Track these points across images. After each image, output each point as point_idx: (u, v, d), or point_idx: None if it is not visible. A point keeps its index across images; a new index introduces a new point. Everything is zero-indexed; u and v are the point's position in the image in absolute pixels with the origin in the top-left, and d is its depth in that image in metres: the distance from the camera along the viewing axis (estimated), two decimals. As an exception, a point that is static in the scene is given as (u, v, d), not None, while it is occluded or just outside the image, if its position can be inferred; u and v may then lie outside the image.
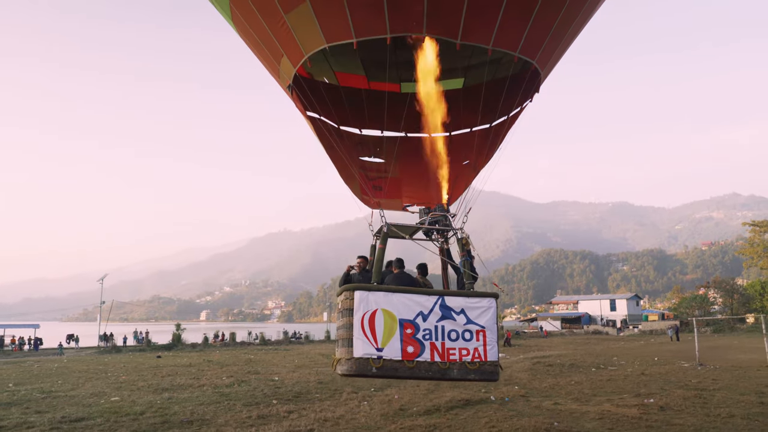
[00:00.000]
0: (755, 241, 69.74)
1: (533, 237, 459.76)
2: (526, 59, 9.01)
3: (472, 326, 7.90)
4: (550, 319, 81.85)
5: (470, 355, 7.84)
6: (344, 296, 7.78)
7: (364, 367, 7.41)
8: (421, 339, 7.65)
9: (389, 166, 10.90)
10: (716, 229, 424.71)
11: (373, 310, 7.62)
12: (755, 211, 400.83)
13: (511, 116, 10.45)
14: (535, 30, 8.74)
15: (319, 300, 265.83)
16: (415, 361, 7.59)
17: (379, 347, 7.52)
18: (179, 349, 43.54)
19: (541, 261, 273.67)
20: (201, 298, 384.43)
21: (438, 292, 8.00)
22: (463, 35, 8.28)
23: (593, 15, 9.89)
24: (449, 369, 7.70)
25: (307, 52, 8.67)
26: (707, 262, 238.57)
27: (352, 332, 7.50)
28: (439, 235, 9.01)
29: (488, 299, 8.10)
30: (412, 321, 7.70)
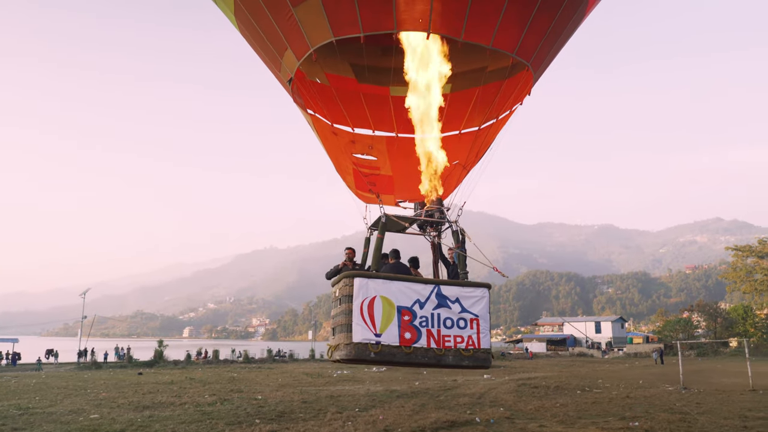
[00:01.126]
0: (738, 265, 70.51)
1: (519, 258, 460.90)
2: (522, 61, 9.29)
3: (466, 315, 8.20)
4: (536, 341, 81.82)
5: (464, 343, 8.11)
6: (343, 283, 7.98)
7: (362, 352, 7.60)
8: (418, 326, 7.89)
9: (382, 164, 11.14)
10: (700, 253, 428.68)
11: (372, 297, 7.80)
12: (737, 235, 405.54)
13: (500, 119, 10.73)
14: (532, 32, 9.04)
15: (304, 318, 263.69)
16: (413, 347, 7.81)
17: (377, 333, 7.71)
18: (161, 365, 42.93)
19: (527, 282, 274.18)
20: (184, 315, 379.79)
21: (434, 281, 8.28)
22: (465, 34, 8.51)
23: (584, 20, 10.22)
24: (445, 355, 7.95)
25: (313, 45, 8.79)
26: (691, 286, 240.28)
27: (351, 318, 7.69)
28: (432, 228, 9.22)
29: (482, 289, 8.44)
30: (410, 308, 7.93)
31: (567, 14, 9.37)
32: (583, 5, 9.54)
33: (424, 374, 32.93)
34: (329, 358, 8.60)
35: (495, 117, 10.59)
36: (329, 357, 8.56)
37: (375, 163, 11.23)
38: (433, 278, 8.60)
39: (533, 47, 9.27)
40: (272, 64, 10.09)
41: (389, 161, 11.06)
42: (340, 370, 37.21)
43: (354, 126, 10.77)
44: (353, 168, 11.21)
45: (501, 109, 10.52)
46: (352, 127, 10.77)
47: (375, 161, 11.19)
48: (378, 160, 11.15)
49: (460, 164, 10.58)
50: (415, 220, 9.15)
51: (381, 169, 11.26)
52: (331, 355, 8.46)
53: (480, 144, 10.80)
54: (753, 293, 66.94)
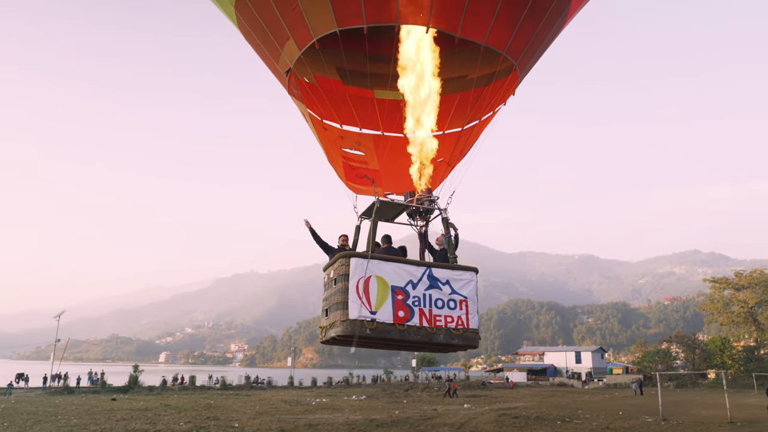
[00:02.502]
0: (715, 297, 71.37)
1: (501, 286, 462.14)
2: (510, 59, 9.90)
3: (456, 296, 8.62)
4: (517, 370, 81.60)
5: (454, 322, 8.52)
6: (339, 263, 8.34)
7: (358, 328, 7.90)
8: (411, 305, 8.26)
9: (369, 159, 11.59)
10: (678, 284, 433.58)
11: (367, 277, 8.14)
12: (715, 267, 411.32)
13: (483, 120, 11.35)
14: (521, 33, 9.66)
15: (283, 344, 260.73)
16: (406, 325, 8.18)
17: (372, 310, 8.04)
18: (136, 391, 41.96)
19: (508, 311, 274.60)
20: (161, 339, 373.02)
21: (426, 264, 8.74)
22: (462, 30, 9.08)
23: (567, 24, 10.90)
24: (436, 333, 8.34)
25: (317, 35, 9.17)
26: (669, 317, 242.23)
27: (347, 296, 8.02)
28: (421, 217, 9.65)
29: (470, 273, 8.92)
30: (403, 288, 8.31)
31: (551, 20, 10.00)
32: (564, 13, 10.16)
33: (404, 403, 32.60)
34: (322, 339, 8.82)
35: (478, 118, 11.17)
36: (322, 337, 8.77)
37: (363, 157, 11.64)
38: (424, 261, 9.05)
39: (521, 48, 9.86)
40: (271, 56, 10.43)
41: (376, 157, 11.50)
42: (318, 398, 36.71)
43: (342, 123, 11.22)
44: (343, 161, 11.68)
45: (484, 111, 11.11)
46: (340, 124, 11.22)
47: (363, 156, 11.62)
48: (366, 155, 11.57)
49: (445, 161, 11.08)
50: (408, 207, 9.50)
51: (369, 163, 11.67)
52: (324, 334, 8.68)
53: (464, 143, 11.34)
54: (730, 325, 67.71)
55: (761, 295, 65.73)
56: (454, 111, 10.87)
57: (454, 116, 10.95)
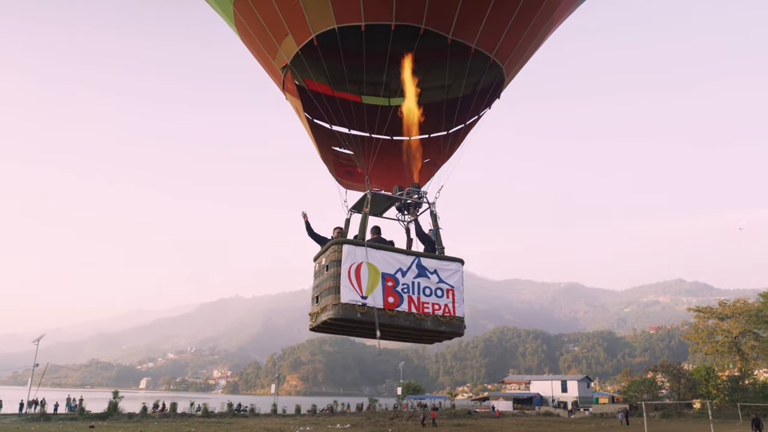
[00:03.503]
0: (699, 326, 71.73)
1: (487, 314, 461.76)
2: (498, 63, 10.32)
3: (443, 285, 8.98)
4: (503, 399, 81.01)
5: (441, 310, 8.85)
6: (332, 250, 8.68)
7: (350, 311, 8.19)
8: (401, 292, 8.61)
9: (358, 159, 11.85)
10: (663, 313, 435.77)
11: (359, 263, 8.48)
12: (699, 297, 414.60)
13: (468, 124, 11.79)
14: (509, 37, 10.03)
15: (267, 371, 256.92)
16: (395, 311, 8.50)
17: (363, 295, 8.34)
18: (115, 418, 41.05)
19: (494, 338, 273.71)
20: (142, 365, 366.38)
21: (415, 253, 9.12)
22: (454, 31, 9.48)
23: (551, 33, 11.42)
24: (424, 320, 8.67)
25: (315, 32, 9.50)
26: (654, 346, 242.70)
27: (339, 281, 8.32)
28: (409, 212, 10.10)
29: (456, 263, 9.27)
30: (393, 275, 8.66)
31: (536, 28, 10.45)
32: (548, 22, 10.65)
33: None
34: (312, 326, 9.00)
35: (463, 122, 11.64)
36: (312, 324, 8.96)
37: (352, 156, 11.98)
38: (413, 250, 9.37)
39: (508, 52, 10.31)
40: (268, 53, 10.72)
41: (364, 157, 11.81)
42: (302, 426, 36.13)
43: (331, 124, 11.59)
44: (333, 158, 12.05)
45: (470, 116, 11.57)
46: (329, 124, 11.57)
47: (352, 155, 11.95)
48: (354, 154, 11.89)
49: (431, 162, 11.58)
50: (398, 200, 9.96)
51: (357, 162, 11.99)
52: (315, 320, 8.85)
53: (449, 145, 11.79)
54: (715, 354, 67.92)
55: (745, 325, 66.19)
56: (440, 117, 11.34)
57: (440, 121, 11.43)
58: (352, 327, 8.73)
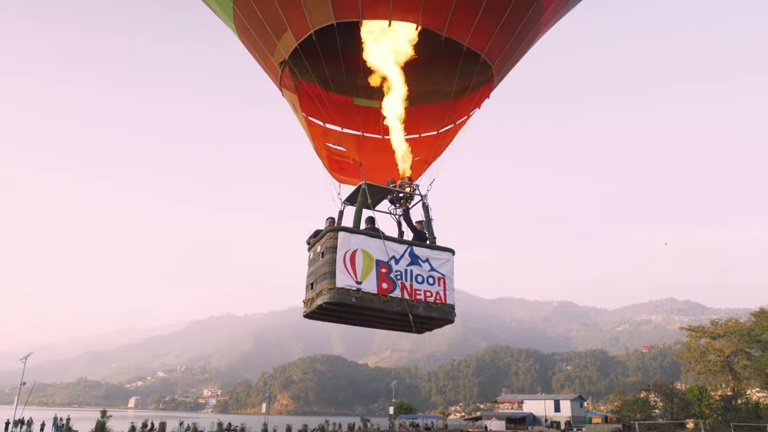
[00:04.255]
0: (692, 345, 71.74)
1: (480, 333, 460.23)
2: (488, 62, 10.80)
3: (434, 273, 9.37)
4: (495, 419, 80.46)
5: (433, 297, 9.23)
6: (327, 237, 9.02)
7: (344, 296, 8.52)
8: (394, 278, 8.97)
9: (350, 155, 12.48)
10: (655, 332, 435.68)
11: (353, 249, 8.84)
12: (691, 316, 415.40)
13: (458, 123, 12.29)
14: (499, 37, 10.48)
15: (258, 390, 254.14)
16: (389, 296, 8.86)
17: (358, 281, 8.69)
18: (102, 438, 40.44)
19: (487, 357, 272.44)
20: (131, 383, 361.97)
21: (407, 242, 9.55)
22: (448, 29, 9.91)
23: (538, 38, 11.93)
24: (416, 306, 9.03)
25: (314, 27, 9.88)
26: (647, 365, 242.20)
27: (334, 266, 8.65)
28: (401, 204, 10.57)
29: (447, 253, 9.70)
30: (386, 262, 9.01)
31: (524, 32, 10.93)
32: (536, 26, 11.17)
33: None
34: (306, 312, 9.28)
35: (453, 122, 12.17)
36: (307, 310, 9.25)
37: (345, 153, 12.56)
38: (406, 239, 9.82)
39: (498, 52, 10.80)
40: (266, 49, 11.08)
41: (356, 154, 12.41)
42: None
43: (325, 122, 12.15)
44: (327, 153, 12.56)
45: (459, 116, 12.09)
46: (323, 122, 12.13)
47: (345, 152, 12.54)
48: (347, 151, 12.48)
49: (422, 160, 12.06)
50: (391, 191, 10.42)
51: (350, 158, 12.57)
52: (309, 305, 9.13)
53: (440, 144, 12.30)
54: (707, 374, 67.84)
55: (737, 344, 66.26)
56: (431, 118, 11.87)
57: (430, 122, 11.97)
58: (346, 312, 8.98)
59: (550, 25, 11.85)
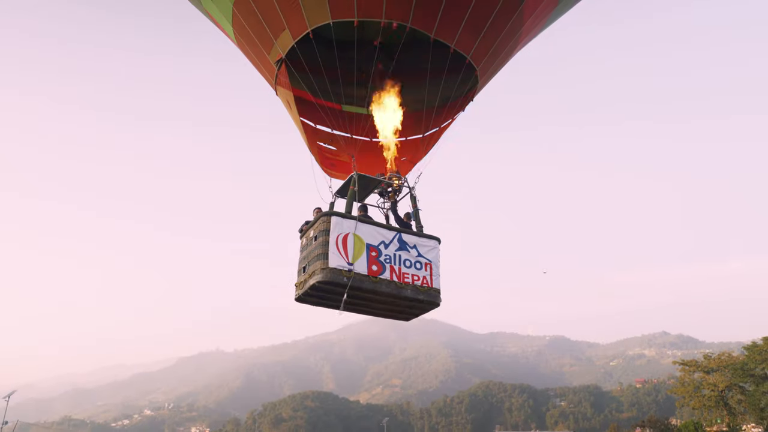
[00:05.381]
0: (685, 380, 71.19)
1: (472, 368, 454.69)
2: (473, 65, 11.48)
3: (422, 259, 10.00)
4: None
5: (420, 281, 9.84)
6: (321, 221, 9.61)
7: (337, 276, 9.11)
8: (383, 261, 9.59)
9: (340, 154, 13.06)
10: (648, 367, 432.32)
11: (345, 233, 9.43)
12: (684, 350, 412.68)
13: (443, 126, 12.97)
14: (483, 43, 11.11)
15: (246, 428, 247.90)
16: (379, 278, 9.46)
17: (350, 262, 9.29)
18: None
19: (480, 393, 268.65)
20: (117, 422, 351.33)
21: (397, 229, 10.21)
22: (436, 32, 10.51)
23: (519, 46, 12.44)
24: (405, 288, 9.64)
25: (311, 26, 10.44)
26: (642, 400, 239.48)
27: (327, 248, 9.24)
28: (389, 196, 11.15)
29: (434, 241, 10.36)
30: (376, 246, 9.64)
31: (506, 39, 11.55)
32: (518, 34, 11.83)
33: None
34: (298, 294, 9.71)
35: (438, 126, 12.86)
36: (299, 291, 9.70)
37: (335, 152, 13.20)
38: (395, 226, 10.43)
39: (483, 55, 11.50)
40: (263, 49, 11.64)
41: (346, 154, 13.00)
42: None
43: (316, 123, 12.84)
44: (318, 151, 13.23)
45: (444, 120, 12.76)
46: (314, 123, 12.82)
47: (335, 150, 13.19)
48: (337, 150, 13.11)
49: (407, 160, 12.85)
50: (381, 182, 11.08)
51: (340, 156, 13.21)
52: (302, 287, 9.61)
53: (425, 146, 12.98)
54: (702, 409, 67.22)
55: (731, 379, 65.85)
56: (417, 123, 12.55)
57: (417, 127, 12.67)
58: (336, 294, 9.38)
59: (530, 37, 12.61)
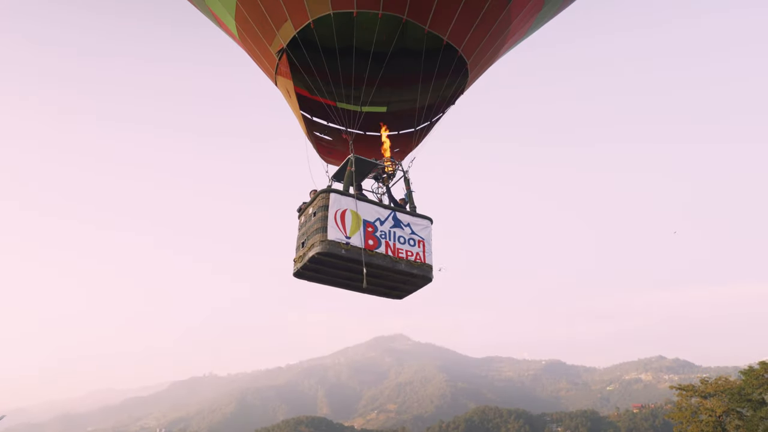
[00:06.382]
0: (683, 405, 70.60)
1: (468, 393, 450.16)
2: (464, 57, 12.02)
3: (415, 236, 10.61)
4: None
5: (413, 256, 10.44)
6: (320, 198, 10.14)
7: (335, 247, 9.62)
8: (379, 237, 10.14)
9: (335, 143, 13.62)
10: (645, 392, 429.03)
11: (343, 209, 9.98)
12: (681, 374, 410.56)
13: (433, 120, 13.56)
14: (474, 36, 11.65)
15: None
16: (375, 251, 9.98)
17: (347, 236, 9.80)
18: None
19: (475, 419, 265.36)
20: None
21: (391, 208, 10.82)
22: (430, 24, 11.02)
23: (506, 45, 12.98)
24: (399, 262, 10.24)
25: (313, 17, 10.86)
26: (639, 426, 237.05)
27: (326, 222, 9.75)
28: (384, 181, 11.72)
29: (426, 221, 10.99)
30: (372, 223, 10.19)
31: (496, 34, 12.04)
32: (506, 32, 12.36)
33: None
34: (297, 268, 10.14)
35: (429, 120, 13.50)
36: (298, 265, 10.15)
37: (331, 142, 13.78)
38: (390, 205, 11.03)
39: (473, 48, 12.03)
40: (265, 41, 12.08)
41: (341, 145, 13.50)
42: None
43: (312, 116, 13.40)
44: (315, 140, 13.75)
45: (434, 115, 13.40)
46: (311, 116, 13.39)
47: (331, 140, 13.78)
48: (332, 141, 13.72)
49: (400, 151, 13.45)
50: (377, 165, 11.71)
51: (336, 146, 13.83)
52: (301, 260, 10.08)
53: (417, 139, 13.57)
54: (700, 435, 66.58)
55: (728, 404, 65.36)
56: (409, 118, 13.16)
57: (408, 122, 13.27)
58: (334, 268, 9.84)
59: (517, 37, 13.13)
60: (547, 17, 13.67)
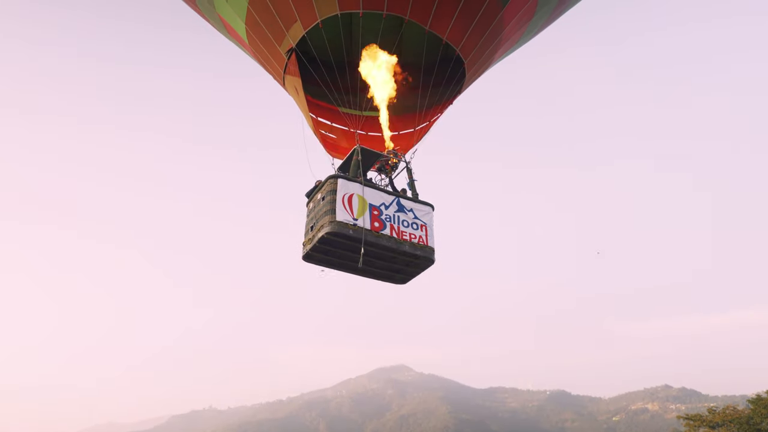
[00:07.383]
0: (691, 435, 69.40)
1: (471, 424, 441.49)
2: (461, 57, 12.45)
3: (418, 221, 11.14)
4: None
5: (417, 239, 10.96)
6: (329, 183, 10.69)
7: (344, 227, 10.13)
8: (384, 220, 10.70)
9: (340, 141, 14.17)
10: (652, 422, 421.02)
11: (351, 193, 10.57)
12: (687, 404, 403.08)
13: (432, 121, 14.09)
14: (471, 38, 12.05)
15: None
16: (380, 233, 10.50)
17: (354, 217, 10.36)
18: None
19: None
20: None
21: (395, 194, 11.36)
22: (430, 25, 11.45)
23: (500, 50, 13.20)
24: (403, 243, 10.74)
25: (321, 17, 11.37)
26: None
27: (335, 205, 10.27)
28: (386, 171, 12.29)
29: (428, 207, 11.57)
30: (378, 207, 10.78)
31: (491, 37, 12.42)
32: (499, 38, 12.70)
33: None
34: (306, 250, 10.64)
35: (427, 121, 14.01)
36: (307, 247, 10.64)
37: (335, 139, 14.33)
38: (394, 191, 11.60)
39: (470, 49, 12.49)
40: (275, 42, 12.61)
41: (345, 143, 14.14)
42: None
43: (318, 116, 14.01)
44: (321, 136, 14.32)
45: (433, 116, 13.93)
46: (316, 116, 14.01)
47: (335, 138, 14.33)
48: (337, 138, 14.27)
49: (401, 148, 13.88)
50: (382, 156, 12.18)
51: (341, 143, 14.35)
52: (310, 242, 10.54)
53: (416, 138, 14.10)
54: (708, 465, 65.31)
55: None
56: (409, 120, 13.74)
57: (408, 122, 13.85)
58: (343, 248, 10.27)
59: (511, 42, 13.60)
60: (538, 25, 14.22)
